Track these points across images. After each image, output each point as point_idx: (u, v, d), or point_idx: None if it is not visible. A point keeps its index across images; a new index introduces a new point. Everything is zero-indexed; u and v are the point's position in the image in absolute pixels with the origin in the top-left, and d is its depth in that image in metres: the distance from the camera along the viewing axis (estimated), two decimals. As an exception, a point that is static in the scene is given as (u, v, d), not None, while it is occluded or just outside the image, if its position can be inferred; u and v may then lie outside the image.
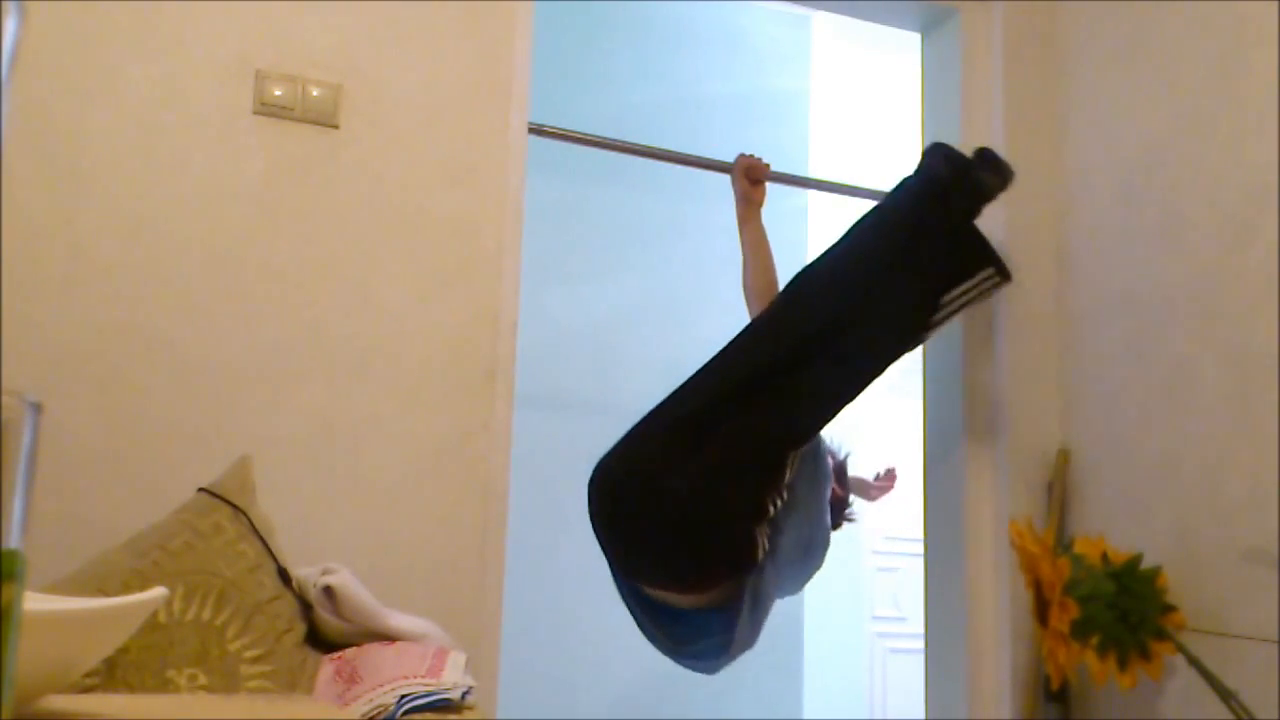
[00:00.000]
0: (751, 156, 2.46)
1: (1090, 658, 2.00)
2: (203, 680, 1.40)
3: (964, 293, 2.12)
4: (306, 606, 1.55)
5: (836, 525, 2.43)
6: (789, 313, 2.09)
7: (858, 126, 4.02)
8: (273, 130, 2.03)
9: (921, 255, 2.11)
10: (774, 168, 2.49)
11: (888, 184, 3.25)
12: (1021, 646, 2.40)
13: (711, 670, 2.14)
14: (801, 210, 3.81)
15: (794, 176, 2.96)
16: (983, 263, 2.12)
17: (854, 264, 2.15)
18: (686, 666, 2.17)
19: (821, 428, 2.07)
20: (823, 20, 3.95)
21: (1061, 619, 1.98)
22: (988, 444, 2.52)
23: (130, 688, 1.36)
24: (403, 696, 1.35)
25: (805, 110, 3.90)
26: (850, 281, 2.12)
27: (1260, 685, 1.96)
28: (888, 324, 2.08)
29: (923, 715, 2.59)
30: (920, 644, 2.64)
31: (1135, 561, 2.09)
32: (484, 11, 2.21)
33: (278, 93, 2.03)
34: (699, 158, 2.60)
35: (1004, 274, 2.16)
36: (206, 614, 1.45)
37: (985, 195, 2.21)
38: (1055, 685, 2.05)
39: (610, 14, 3.64)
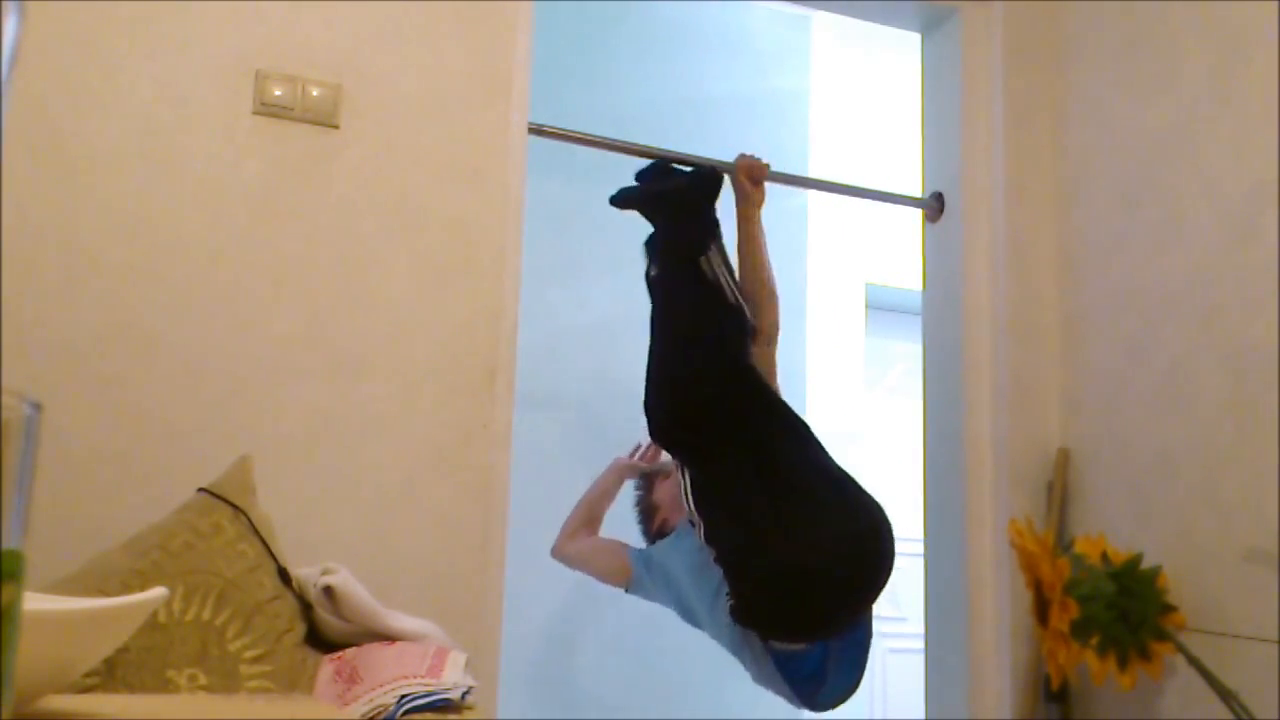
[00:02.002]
0: (751, 156, 2.46)
1: (1090, 658, 2.00)
2: (203, 680, 1.39)
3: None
4: (306, 606, 1.55)
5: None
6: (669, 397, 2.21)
7: (858, 126, 4.02)
8: (273, 130, 2.03)
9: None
10: (774, 168, 2.49)
11: (887, 184, 3.25)
12: (1021, 646, 2.40)
13: (856, 683, 2.16)
14: (801, 210, 3.81)
15: (794, 176, 2.96)
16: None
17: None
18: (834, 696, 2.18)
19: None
20: (823, 20, 3.95)
21: (1061, 619, 1.98)
22: (988, 444, 2.52)
23: (130, 688, 1.36)
24: (403, 696, 1.35)
25: (805, 110, 3.90)
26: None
27: (1260, 685, 1.96)
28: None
29: (923, 715, 2.60)
30: (920, 644, 2.64)
31: (1135, 561, 2.09)
32: (484, 11, 2.21)
33: (278, 93, 2.03)
34: (699, 158, 2.60)
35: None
36: (206, 614, 1.45)
37: (677, 195, 2.36)
38: (1055, 685, 2.05)
39: (610, 14, 3.64)
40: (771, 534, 1.99)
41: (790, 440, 2.12)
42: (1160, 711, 2.18)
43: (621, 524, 2.56)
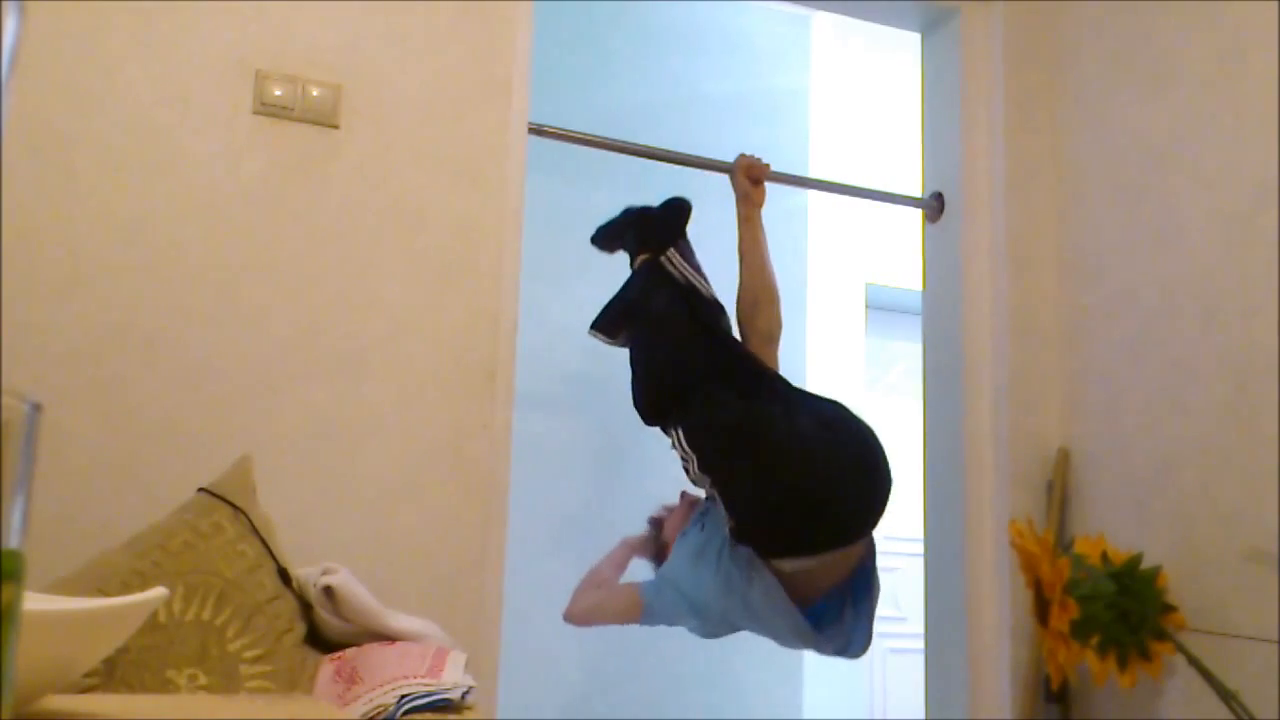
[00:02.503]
0: (751, 156, 2.47)
1: (1090, 658, 2.00)
2: (203, 680, 1.40)
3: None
4: (306, 606, 1.55)
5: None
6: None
7: (858, 126, 4.02)
8: (273, 130, 2.03)
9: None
10: (774, 168, 2.49)
11: (887, 184, 3.25)
12: (1021, 646, 2.40)
13: (867, 637, 2.17)
14: (801, 210, 3.81)
15: (794, 176, 2.96)
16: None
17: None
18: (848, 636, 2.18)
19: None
20: (823, 20, 3.95)
21: (1061, 619, 1.98)
22: (988, 444, 2.52)
23: (130, 688, 1.36)
24: (403, 696, 1.35)
25: (805, 110, 3.90)
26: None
27: (1260, 685, 1.96)
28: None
29: (923, 715, 2.60)
30: (920, 644, 2.64)
31: (1135, 561, 2.09)
32: (484, 11, 2.21)
33: (278, 93, 2.03)
34: (699, 158, 2.60)
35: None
36: (206, 614, 1.45)
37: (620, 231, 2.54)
38: (1055, 685, 2.05)
39: (610, 14, 3.64)
40: (763, 452, 2.02)
41: (776, 382, 2.18)
42: (1160, 711, 2.18)
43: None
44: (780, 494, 1.99)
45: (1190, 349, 2.23)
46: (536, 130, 2.30)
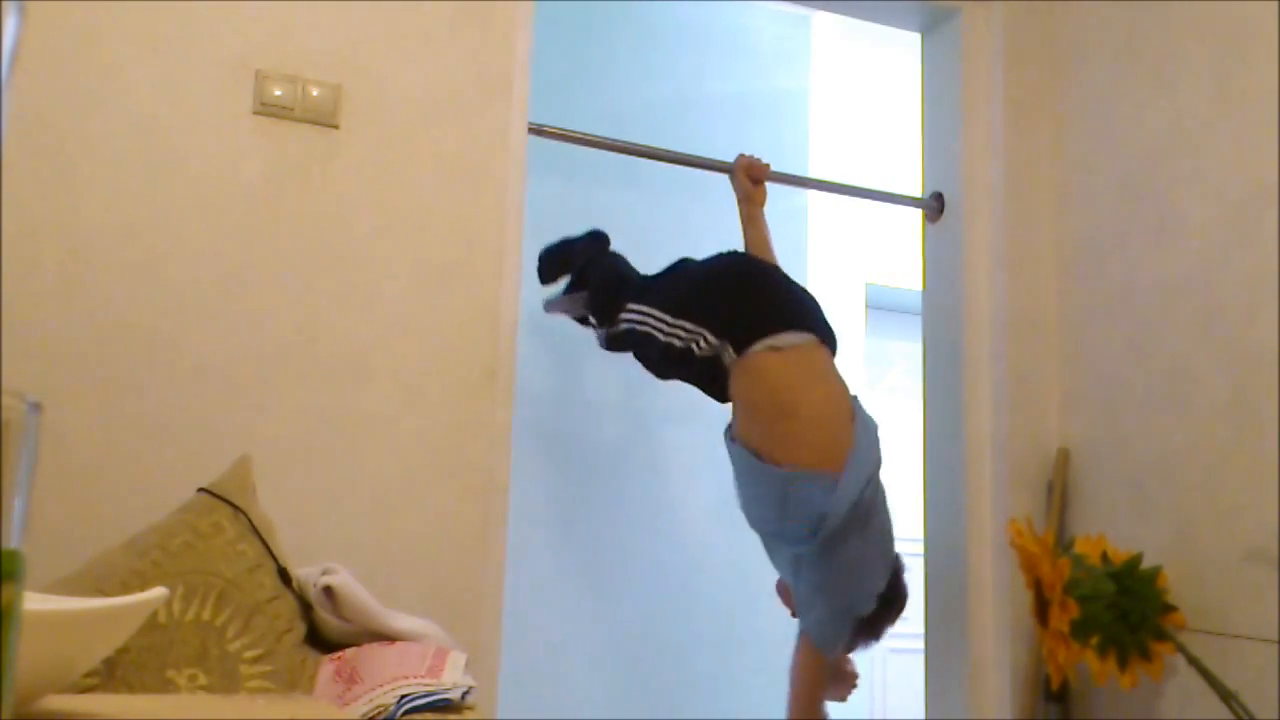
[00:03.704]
0: (751, 156, 2.47)
1: (1090, 658, 2.00)
2: (203, 680, 1.40)
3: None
4: (306, 606, 1.55)
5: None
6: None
7: (858, 126, 4.02)
8: (273, 130, 2.03)
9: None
10: (774, 168, 2.49)
11: (887, 184, 3.25)
12: (1021, 646, 2.40)
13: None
14: (801, 210, 3.81)
15: (794, 176, 2.96)
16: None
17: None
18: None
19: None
20: (823, 20, 3.95)
21: (1061, 619, 1.98)
22: (987, 444, 2.52)
23: (130, 688, 1.36)
24: (403, 696, 1.35)
25: (805, 110, 3.90)
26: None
27: (1260, 685, 1.96)
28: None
29: (923, 715, 2.60)
30: (920, 644, 2.64)
31: (1135, 561, 2.09)
32: (484, 11, 2.21)
33: (278, 93, 2.03)
34: (699, 158, 2.60)
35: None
36: (206, 614, 1.45)
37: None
38: (1055, 685, 2.05)
39: (610, 14, 3.63)
40: (724, 257, 2.30)
41: None
42: (1160, 711, 2.18)
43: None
44: (748, 286, 2.23)
45: (1190, 348, 2.23)
46: (536, 130, 2.30)
